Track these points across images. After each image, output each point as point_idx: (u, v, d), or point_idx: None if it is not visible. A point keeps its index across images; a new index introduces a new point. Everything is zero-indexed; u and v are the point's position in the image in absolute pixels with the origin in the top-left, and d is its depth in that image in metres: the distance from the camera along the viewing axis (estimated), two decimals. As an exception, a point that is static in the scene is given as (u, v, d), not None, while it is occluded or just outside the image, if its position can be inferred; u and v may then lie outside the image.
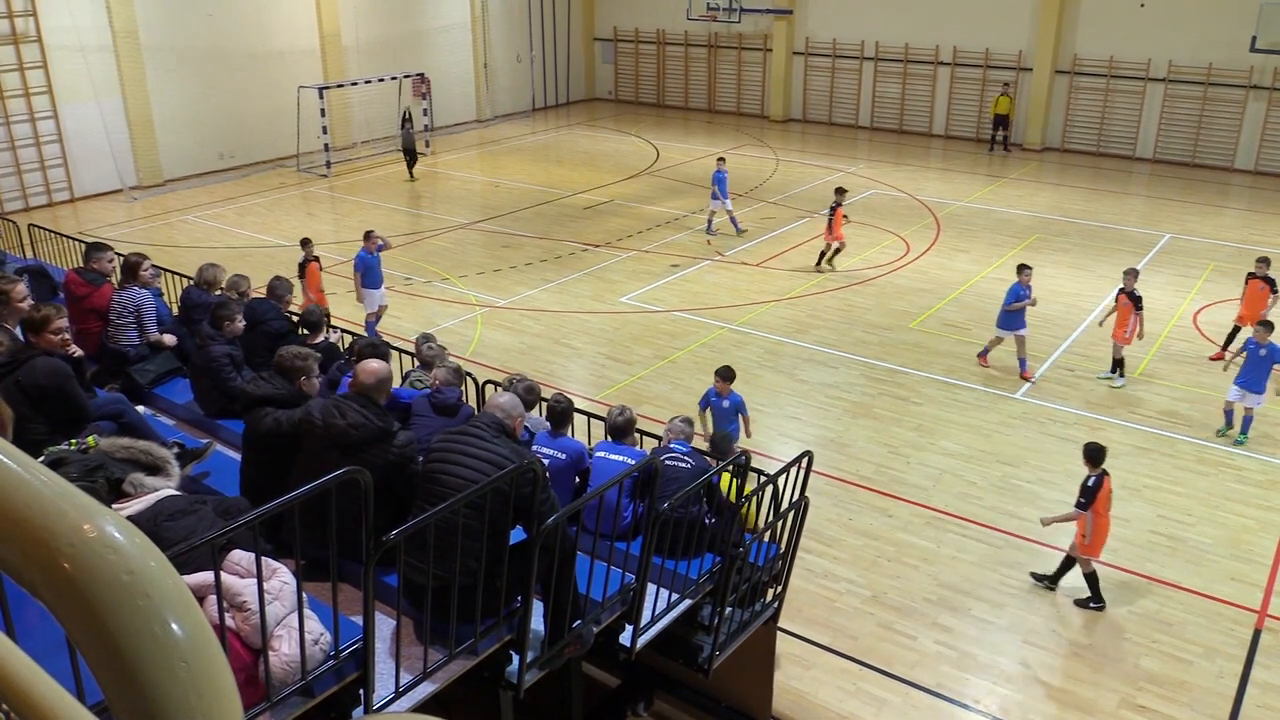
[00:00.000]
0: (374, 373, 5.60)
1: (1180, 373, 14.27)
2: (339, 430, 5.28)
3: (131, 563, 0.80)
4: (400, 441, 5.38)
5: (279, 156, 27.08)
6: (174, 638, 0.79)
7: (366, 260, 14.58)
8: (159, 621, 0.79)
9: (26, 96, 22.26)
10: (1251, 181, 25.71)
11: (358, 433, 5.25)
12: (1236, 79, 25.96)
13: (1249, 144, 26.24)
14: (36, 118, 22.51)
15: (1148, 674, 8.40)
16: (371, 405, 5.45)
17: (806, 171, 26.53)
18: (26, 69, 22.15)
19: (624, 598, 5.92)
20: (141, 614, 0.79)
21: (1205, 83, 26.39)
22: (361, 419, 5.31)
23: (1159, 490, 11.23)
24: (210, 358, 7.60)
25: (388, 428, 5.38)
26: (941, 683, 8.26)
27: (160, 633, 0.79)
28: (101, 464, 5.48)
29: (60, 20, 22.39)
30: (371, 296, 14.74)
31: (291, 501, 4.12)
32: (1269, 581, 9.65)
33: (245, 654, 4.24)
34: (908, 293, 17.44)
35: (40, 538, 0.83)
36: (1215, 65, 26.08)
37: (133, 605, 0.78)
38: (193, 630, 0.81)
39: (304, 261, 14.52)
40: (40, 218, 19.85)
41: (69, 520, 0.83)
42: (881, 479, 11.44)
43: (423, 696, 4.85)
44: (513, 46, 34.36)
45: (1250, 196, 24.45)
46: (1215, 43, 25.83)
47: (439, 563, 4.81)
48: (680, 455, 6.66)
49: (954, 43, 29.74)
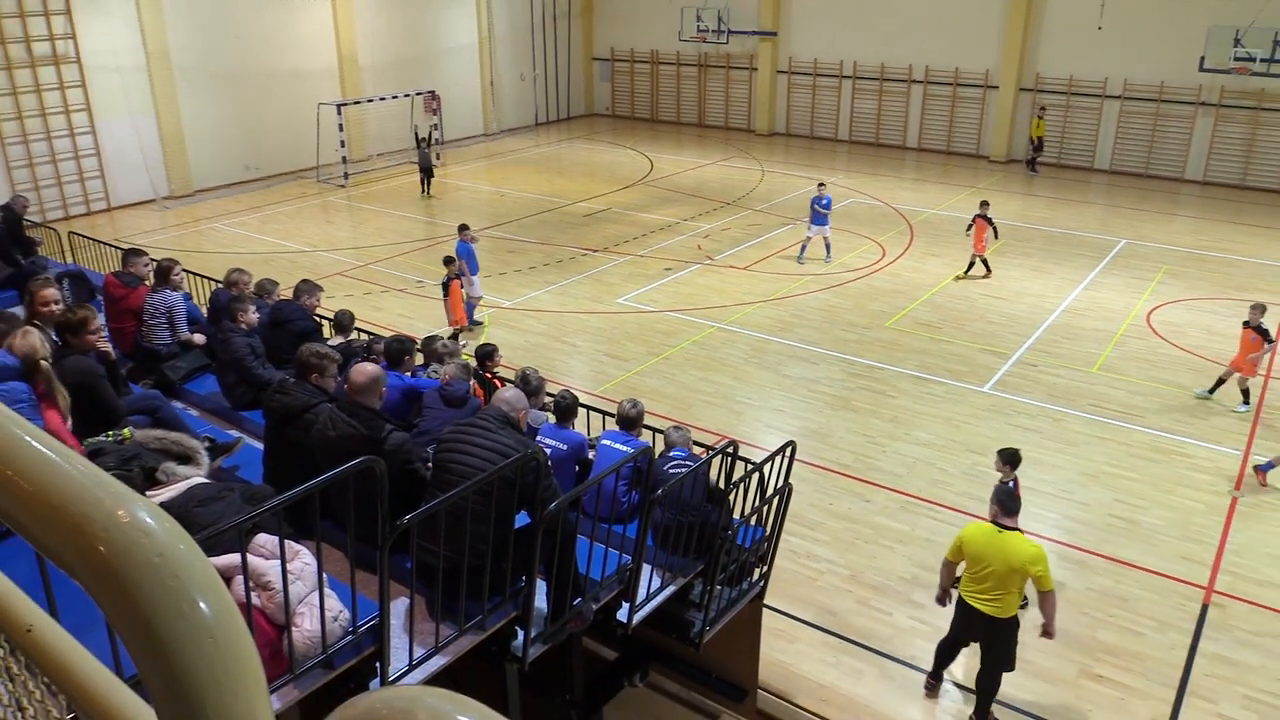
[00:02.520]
0: (366, 374, 5.51)
1: (1135, 367, 14.29)
2: (329, 443, 5.26)
3: (162, 546, 0.80)
4: (390, 445, 5.24)
5: (300, 168, 27.02)
6: (201, 616, 0.79)
7: (468, 249, 15.29)
8: (187, 601, 0.79)
9: (67, 113, 22.19)
10: (1200, 191, 25.75)
11: (347, 443, 5.17)
12: (1186, 96, 25.98)
13: (1198, 156, 26.27)
14: (76, 133, 22.46)
15: (1105, 646, 8.42)
16: (361, 411, 5.33)
17: (790, 181, 26.52)
18: (67, 88, 22.08)
19: (621, 577, 5.92)
20: (171, 594, 0.78)
21: (1158, 100, 26.41)
22: (349, 429, 5.23)
23: (1116, 476, 11.25)
24: (233, 349, 7.59)
25: (375, 435, 5.23)
26: (915, 655, 8.27)
27: (189, 611, 0.78)
28: (137, 454, 5.47)
29: (98, 43, 22.34)
30: (474, 283, 15.45)
31: (313, 489, 4.12)
32: (1216, 560, 9.67)
33: (270, 630, 4.24)
34: (883, 294, 17.45)
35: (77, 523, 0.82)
36: (1167, 83, 26.10)
37: (163, 585, 0.78)
38: (219, 609, 0.80)
39: (447, 281, 14.72)
40: (79, 226, 19.81)
41: (104, 506, 0.83)
42: (860, 467, 11.45)
43: (435, 669, 4.85)
44: (517, 65, 34.31)
45: (1199, 205, 24.49)
46: (1167, 63, 25.85)
47: (449, 545, 4.81)
48: (681, 460, 6.66)
49: (926, 62, 29.73)
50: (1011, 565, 6.74)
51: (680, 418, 12.16)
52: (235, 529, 4.02)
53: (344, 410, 5.36)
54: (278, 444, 5.88)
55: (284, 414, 5.79)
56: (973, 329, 15.77)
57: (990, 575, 6.83)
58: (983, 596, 6.93)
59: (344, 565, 4.67)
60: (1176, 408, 12.96)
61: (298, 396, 5.85)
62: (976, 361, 14.45)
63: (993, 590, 6.87)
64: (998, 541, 6.79)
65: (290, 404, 5.81)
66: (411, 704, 0.76)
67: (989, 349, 14.94)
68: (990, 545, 6.81)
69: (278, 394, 5.94)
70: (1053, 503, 10.68)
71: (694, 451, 7.10)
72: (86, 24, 22.16)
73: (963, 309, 16.72)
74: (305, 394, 5.90)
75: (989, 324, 16.01)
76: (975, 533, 6.96)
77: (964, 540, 6.99)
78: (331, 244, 20.65)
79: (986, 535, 6.87)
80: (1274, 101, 25.00)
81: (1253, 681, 7.99)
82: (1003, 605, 6.89)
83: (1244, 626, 8.69)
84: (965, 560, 7.03)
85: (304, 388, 5.98)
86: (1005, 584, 6.82)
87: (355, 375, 5.53)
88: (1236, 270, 19.02)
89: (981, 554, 6.84)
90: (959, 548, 7.05)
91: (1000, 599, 6.88)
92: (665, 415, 11.95)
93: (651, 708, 7.73)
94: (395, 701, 0.76)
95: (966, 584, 7.08)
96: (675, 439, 6.97)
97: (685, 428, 7.26)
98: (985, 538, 6.86)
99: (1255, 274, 18.79)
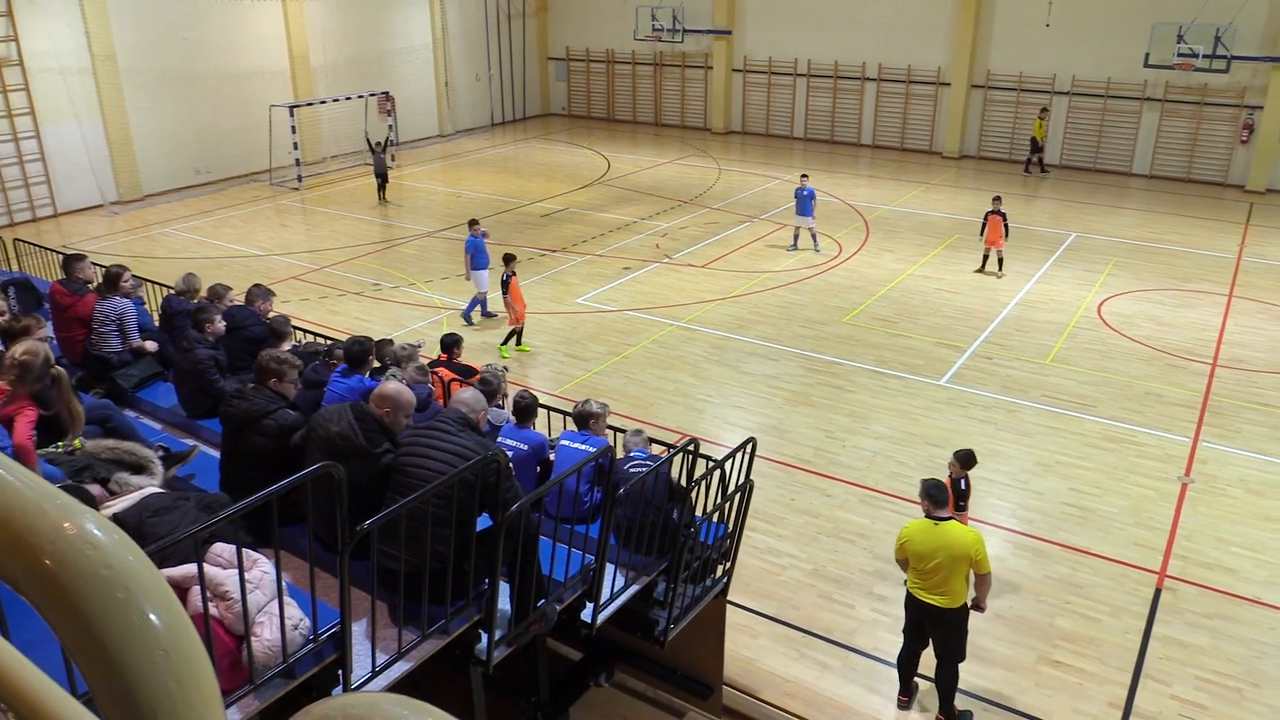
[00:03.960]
0: (400, 394, 5.49)
1: (1087, 359, 14.55)
2: (322, 435, 5.20)
3: (110, 558, 0.78)
4: (385, 463, 5.19)
5: (252, 171, 26.65)
6: (152, 628, 0.78)
7: (476, 243, 15.58)
8: (137, 613, 0.77)
9: (10, 117, 21.68)
10: (1147, 184, 26.28)
11: (342, 443, 5.12)
12: (1132, 92, 26.50)
13: (1144, 150, 26.81)
14: (20, 137, 21.94)
15: (1062, 632, 8.56)
16: (367, 421, 5.26)
17: (747, 179, 26.65)
18: (9, 91, 21.59)
19: (584, 577, 5.91)
20: (120, 606, 0.77)
21: (1105, 95, 26.90)
22: (349, 431, 5.16)
23: (1070, 466, 11.44)
24: (196, 360, 7.46)
25: (371, 448, 5.17)
26: (878, 646, 8.35)
27: (139, 623, 0.77)
28: (88, 465, 5.38)
29: (41, 44, 21.85)
30: (480, 277, 15.69)
31: (270, 496, 4.06)
32: (1167, 545, 9.88)
33: (229, 640, 4.18)
34: (841, 290, 17.60)
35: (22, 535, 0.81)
36: (1113, 79, 26.60)
37: (112, 598, 0.77)
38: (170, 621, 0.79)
39: (506, 278, 14.59)
40: (25, 233, 19.37)
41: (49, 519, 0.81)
42: (820, 461, 11.54)
43: (398, 675, 4.81)
44: (472, 66, 34.12)
45: (1146, 198, 24.99)
46: (1113, 59, 26.36)
47: (410, 549, 4.77)
48: (642, 461, 6.66)
49: (879, 60, 30.03)
50: (954, 554, 6.93)
51: (641, 417, 12.18)
52: (191, 539, 3.96)
53: (354, 412, 5.28)
54: (235, 450, 5.80)
55: (242, 420, 5.71)
56: (928, 323, 15.96)
57: (938, 568, 7.01)
58: (933, 591, 7.10)
59: (304, 572, 4.62)
60: (1127, 397, 13.22)
61: (256, 402, 5.78)
62: (933, 355, 14.63)
63: (942, 582, 7.04)
64: (937, 534, 6.98)
65: (249, 409, 5.74)
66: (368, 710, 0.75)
67: (945, 343, 15.13)
68: (932, 539, 6.99)
69: (235, 399, 5.85)
70: (1009, 493, 10.84)
71: (653, 452, 7.10)
72: (29, 26, 21.66)
73: (918, 304, 16.91)
74: (264, 399, 5.83)
75: (944, 318, 16.21)
76: (915, 530, 7.12)
77: (907, 540, 7.14)
78: (286, 248, 20.39)
79: (925, 530, 7.05)
80: (1216, 97, 25.59)
81: (1204, 663, 8.18)
82: (952, 595, 7.07)
83: (1195, 609, 8.88)
84: (910, 558, 7.18)
85: (262, 393, 5.90)
86: (952, 573, 7.01)
87: (391, 388, 5.53)
88: (1182, 261, 19.44)
89: (926, 549, 7.01)
90: (903, 547, 7.20)
91: (949, 590, 7.06)
92: (626, 415, 11.95)
93: (618, 707, 7.72)
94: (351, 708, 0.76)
95: (914, 581, 7.24)
96: (634, 441, 6.97)
97: (642, 430, 7.26)
98: (925, 533, 7.04)
99: (1200, 265, 19.22)
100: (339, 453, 5.04)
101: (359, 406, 5.38)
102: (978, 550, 6.96)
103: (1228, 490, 10.94)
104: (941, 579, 7.02)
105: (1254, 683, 7.96)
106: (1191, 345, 15.06)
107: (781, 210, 23.09)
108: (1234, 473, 11.31)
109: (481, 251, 15.60)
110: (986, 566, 7.05)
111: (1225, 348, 14.99)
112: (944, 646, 7.34)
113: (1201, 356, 14.61)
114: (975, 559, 6.97)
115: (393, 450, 5.26)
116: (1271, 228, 22.06)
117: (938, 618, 7.18)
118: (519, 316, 14.75)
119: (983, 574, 7.08)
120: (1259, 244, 20.72)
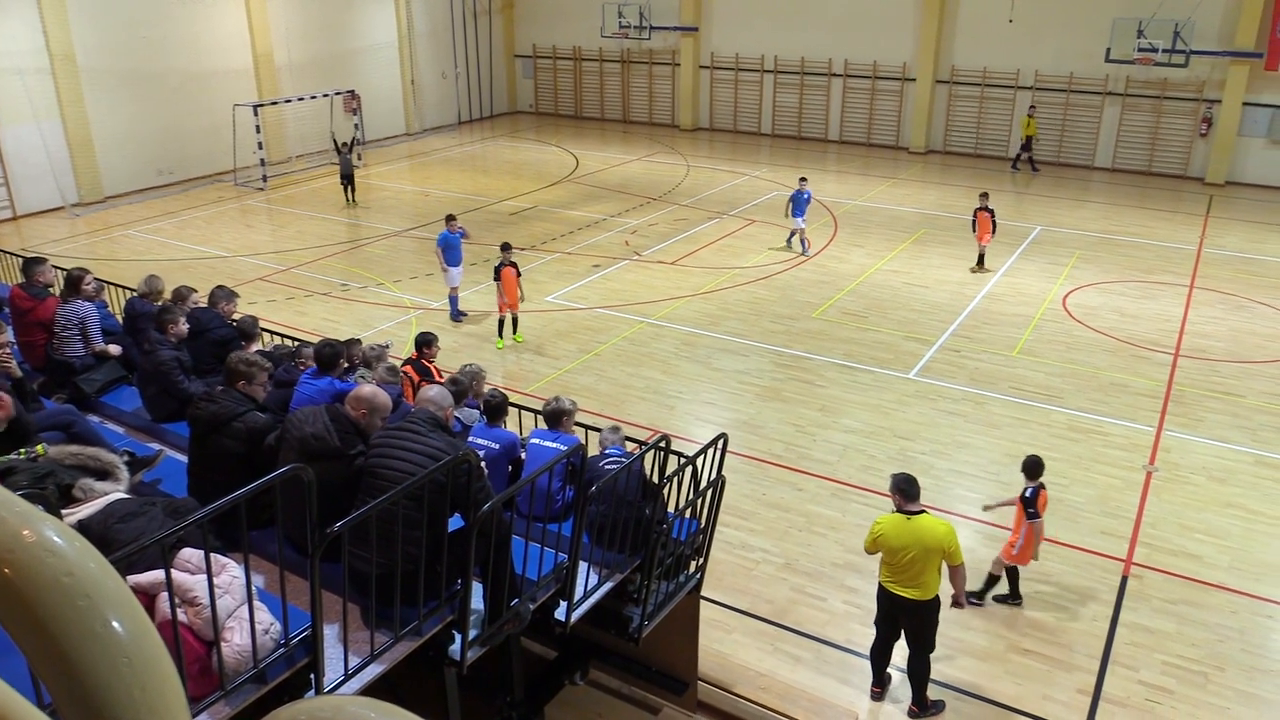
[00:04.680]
0: (375, 396, 5.43)
1: (1053, 350, 14.72)
2: (296, 436, 5.15)
3: (71, 565, 0.77)
4: (358, 465, 5.16)
5: (216, 172, 26.34)
6: (115, 636, 0.77)
7: (448, 239, 15.52)
8: (100, 620, 0.76)
9: (-36, 118, 21.30)
10: (1109, 178, 26.63)
11: (315, 444, 5.08)
12: (1094, 87, 26.84)
13: (1106, 144, 27.17)
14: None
15: (1031, 621, 8.67)
16: (342, 423, 5.22)
17: (715, 176, 26.71)
18: (-37, 92, 21.20)
19: (558, 576, 5.90)
20: (82, 614, 0.76)
21: (1067, 90, 27.22)
22: (323, 433, 5.12)
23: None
24: (159, 362, 7.35)
25: (344, 450, 5.14)
26: (850, 639, 8.41)
27: (102, 631, 0.76)
28: (51, 471, 5.29)
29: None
30: (452, 274, 15.61)
31: (239, 499, 4.02)
32: (1133, 533, 10.03)
33: (199, 646, 4.13)
34: (810, 285, 17.68)
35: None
36: (1075, 74, 26.93)
37: (73, 606, 0.76)
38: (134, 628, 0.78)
39: (499, 266, 14.66)
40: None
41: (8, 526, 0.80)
42: (791, 456, 11.59)
43: (371, 677, 4.78)
44: (438, 64, 33.92)
45: (1109, 191, 25.33)
46: (1075, 54, 26.69)
47: (382, 551, 4.74)
48: (618, 458, 6.66)
49: (845, 56, 30.19)
50: (928, 546, 7.01)
51: (612, 414, 12.17)
52: (158, 544, 3.91)
53: (329, 414, 5.24)
54: (203, 454, 5.73)
55: (211, 422, 5.66)
56: (897, 317, 16.08)
57: (911, 561, 7.07)
58: (908, 584, 7.17)
59: (274, 576, 4.58)
60: (1093, 388, 13.40)
61: (225, 404, 5.73)
62: (902, 349, 14.74)
63: (916, 575, 7.11)
64: (911, 527, 7.05)
65: (217, 412, 5.68)
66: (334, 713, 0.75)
67: (914, 336, 15.25)
68: (906, 532, 7.06)
69: (204, 401, 5.80)
70: (978, 484, 10.95)
71: (628, 449, 7.11)
72: (-16, 26, 21.28)
73: (887, 298, 17.03)
74: (232, 402, 5.78)
75: (913, 312, 16.34)
76: (889, 524, 7.18)
77: (882, 535, 7.19)
78: (251, 249, 20.18)
79: (899, 524, 7.11)
80: (1176, 91, 25.97)
81: (1170, 648, 8.31)
82: (926, 587, 7.15)
83: (1160, 596, 9.03)
84: (883, 552, 7.24)
85: (231, 395, 5.85)
86: (926, 565, 7.08)
87: (368, 390, 5.46)
88: (1144, 253, 19.73)
89: (899, 543, 7.08)
90: (876, 541, 7.26)
91: (922, 582, 7.14)
92: (597, 412, 11.95)
93: (593, 705, 7.72)
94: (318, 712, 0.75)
95: (887, 575, 7.30)
96: (612, 439, 6.97)
97: (620, 428, 7.26)
98: (899, 527, 7.10)
99: (1161, 256, 19.51)
100: (313, 454, 5.01)
101: (334, 408, 5.35)
102: (950, 542, 7.04)
103: (1191, 478, 11.12)
104: (915, 572, 7.09)
105: (1218, 666, 8.10)
106: (1155, 336, 15.28)
107: (750, 206, 23.18)
108: (1197, 461, 11.50)
109: (452, 248, 15.51)
110: (959, 558, 7.13)
111: (1187, 338, 15.23)
112: (916, 638, 7.41)
113: (1164, 347, 14.83)
114: (948, 550, 7.04)
115: (366, 452, 5.24)
116: (1230, 219, 22.45)
117: (911, 610, 7.24)
118: (504, 306, 14.83)
119: (955, 565, 7.16)
120: (1219, 235, 21.07)
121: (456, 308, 15.96)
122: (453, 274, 15.64)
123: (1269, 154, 25.28)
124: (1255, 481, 11.05)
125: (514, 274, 14.73)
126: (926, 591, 7.14)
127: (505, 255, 14.78)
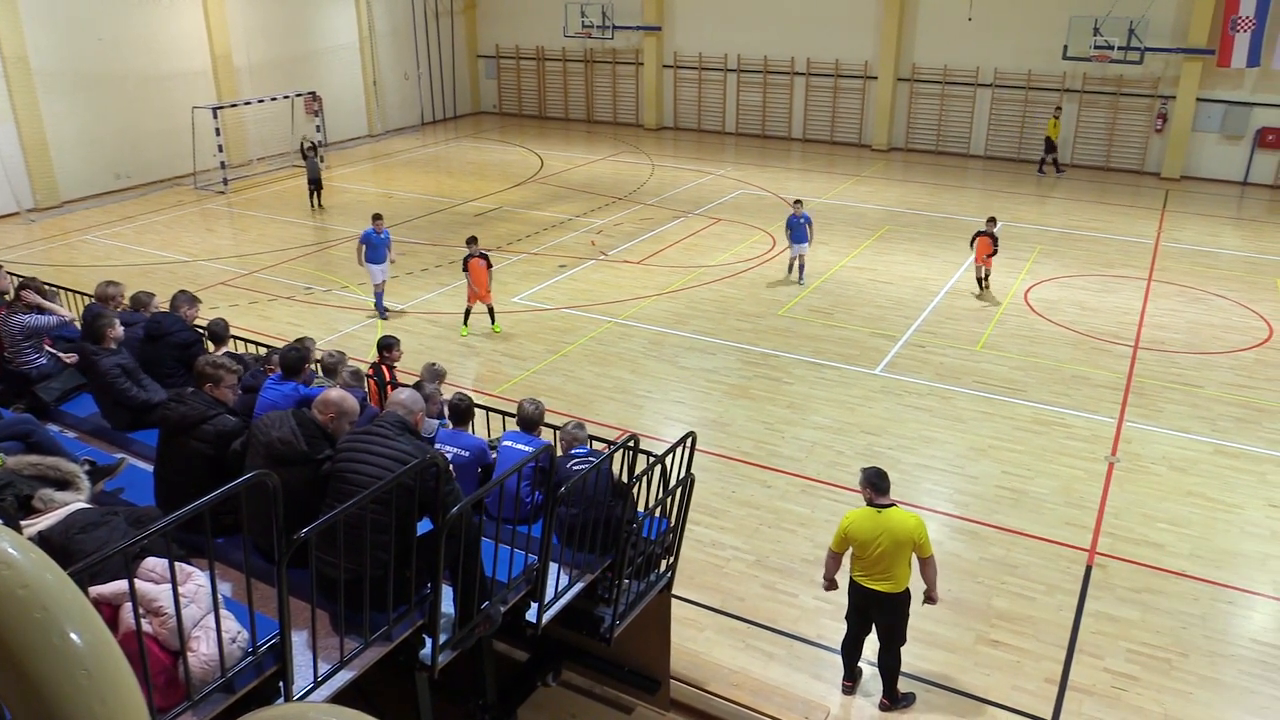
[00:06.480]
0: (332, 402, 5.35)
1: (1016, 344, 14.90)
2: (262, 441, 5.09)
3: (26, 577, 0.75)
4: (326, 470, 5.11)
5: (176, 175, 25.97)
6: (74, 647, 0.75)
7: (370, 237, 15.68)
8: (57, 632, 0.74)
9: (-87, 123, 20.84)
10: (1069, 174, 26.98)
11: (282, 448, 5.02)
12: (1051, 83, 27.20)
13: (1065, 140, 27.50)
14: (-75, 144, 21.11)
15: (999, 612, 8.77)
16: (309, 427, 5.17)
17: (680, 175, 26.75)
18: (-88, 96, 20.74)
19: (528, 577, 5.89)
20: (39, 626, 0.74)
21: (1026, 87, 27.56)
22: (290, 437, 5.06)
23: (1002, 449, 11.71)
24: (101, 372, 7.20)
25: (312, 454, 5.08)
26: (821, 634, 8.46)
27: (59, 643, 0.74)
28: (10, 482, 5.19)
29: (-55, 47, 21.03)
30: (373, 271, 15.81)
31: (202, 507, 3.97)
32: (1096, 523, 10.18)
33: (164, 656, 4.08)
34: (776, 283, 17.76)
35: (-68, 559, 0.77)
36: (1034, 72, 27.27)
37: (29, 618, 0.74)
38: (93, 639, 0.76)
39: (467, 258, 14.80)
40: (-66, 243, 18.64)
41: (-39, 540, 0.78)
42: (760, 453, 11.64)
43: (341, 684, 4.74)
44: (400, 64, 33.68)
45: (1068, 186, 25.67)
46: (1033, 52, 27.03)
47: (350, 556, 4.70)
48: (584, 458, 6.65)
49: (807, 54, 30.36)
50: (898, 539, 7.05)
51: (580, 414, 12.15)
52: (121, 554, 3.85)
53: (296, 418, 5.17)
54: (170, 456, 5.66)
55: (179, 424, 5.59)
56: (862, 313, 16.20)
57: (882, 555, 7.11)
58: (879, 577, 7.20)
59: (241, 584, 4.52)
60: (1055, 381, 13.57)
61: (194, 407, 5.66)
62: (867, 345, 14.85)
63: (887, 568, 7.15)
64: (881, 521, 7.09)
65: (186, 414, 5.62)
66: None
67: (879, 332, 15.37)
68: (875, 526, 7.10)
69: (174, 403, 5.73)
70: (944, 478, 11.06)
71: (593, 447, 7.10)
72: (-68, 28, 20.82)
73: (852, 295, 17.15)
74: (202, 404, 5.71)
75: (878, 308, 16.46)
76: (858, 518, 7.21)
77: (849, 529, 7.22)
78: (213, 253, 19.92)
79: (869, 517, 7.15)
80: (1131, 87, 26.39)
81: (1134, 635, 8.44)
82: (897, 580, 7.20)
83: (1124, 584, 9.16)
84: (853, 546, 7.27)
85: (201, 398, 5.78)
86: (896, 559, 7.12)
87: (335, 394, 5.40)
88: (1104, 248, 20.02)
89: (870, 537, 7.11)
90: (844, 537, 7.28)
91: (894, 575, 7.18)
92: (565, 413, 11.90)
93: (566, 705, 7.71)
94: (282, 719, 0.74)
95: (858, 570, 7.33)
96: (578, 436, 6.96)
97: (583, 425, 7.25)
98: (868, 520, 7.14)
99: (1121, 250, 19.82)
100: (280, 458, 4.96)
101: (300, 412, 5.29)
102: (920, 534, 7.09)
103: (1152, 468, 11.30)
104: (886, 565, 7.13)
105: (1182, 652, 8.24)
106: (1115, 329, 15.52)
107: (715, 205, 23.24)
108: (1158, 451, 11.69)
109: (374, 246, 15.63)
110: (929, 550, 7.19)
111: (1146, 330, 15.48)
112: (887, 631, 7.46)
113: (1124, 339, 15.06)
114: (918, 543, 7.09)
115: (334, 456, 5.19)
116: (1186, 213, 22.84)
117: (882, 604, 7.29)
118: (473, 296, 15.02)
119: (925, 557, 7.21)
120: (1175, 229, 21.44)
121: (381, 304, 16.02)
122: (375, 271, 15.80)
123: (1222, 149, 25.76)
124: (1215, 471, 11.25)
125: (483, 265, 14.87)
126: (898, 584, 7.20)
127: (472, 248, 14.92)
